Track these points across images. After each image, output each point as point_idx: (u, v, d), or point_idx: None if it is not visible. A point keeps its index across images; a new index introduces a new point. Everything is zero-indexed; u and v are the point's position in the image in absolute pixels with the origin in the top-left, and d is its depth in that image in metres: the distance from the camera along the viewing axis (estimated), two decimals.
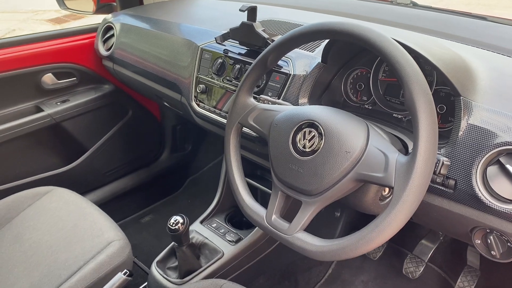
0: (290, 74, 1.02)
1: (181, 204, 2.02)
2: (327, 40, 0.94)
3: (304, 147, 0.75)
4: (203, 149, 2.15)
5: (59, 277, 1.05)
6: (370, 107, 1.00)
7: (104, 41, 1.64)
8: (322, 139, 0.73)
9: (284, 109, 0.84)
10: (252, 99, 0.89)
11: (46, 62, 1.58)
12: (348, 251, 0.68)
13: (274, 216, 0.80)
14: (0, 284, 1.07)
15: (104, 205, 1.80)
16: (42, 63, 1.58)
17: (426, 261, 1.55)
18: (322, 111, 0.77)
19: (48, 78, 1.61)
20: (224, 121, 1.14)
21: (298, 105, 0.98)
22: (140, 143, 1.95)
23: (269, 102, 0.94)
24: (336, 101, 1.04)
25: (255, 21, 1.07)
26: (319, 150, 0.73)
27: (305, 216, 0.75)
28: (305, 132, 0.76)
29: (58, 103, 1.64)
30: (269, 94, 1.03)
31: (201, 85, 1.21)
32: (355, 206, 0.86)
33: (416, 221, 0.96)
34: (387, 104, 0.97)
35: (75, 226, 1.20)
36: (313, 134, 0.75)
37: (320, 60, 0.98)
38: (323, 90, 1.02)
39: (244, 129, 0.94)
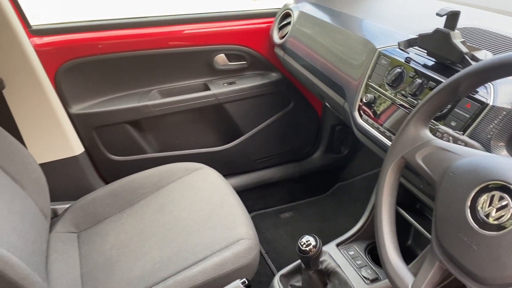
0: (487, 104, 0.78)
1: (325, 209, 1.90)
2: None
3: (487, 216, 0.55)
4: (360, 156, 1.97)
5: (185, 260, 1.05)
6: None
7: (280, 28, 1.59)
8: None
9: (468, 153, 0.63)
10: (427, 131, 0.70)
11: (221, 43, 1.60)
12: None
13: None
14: (136, 249, 1.13)
15: (248, 190, 1.80)
16: (217, 43, 1.60)
17: None
18: None
19: (220, 59, 1.63)
20: (388, 142, 0.97)
21: (490, 148, 0.74)
22: (296, 137, 1.88)
23: (450, 138, 0.73)
24: None
25: (453, 30, 0.85)
26: (509, 228, 0.52)
27: None
28: (493, 196, 0.55)
29: (225, 84, 1.66)
30: (452, 124, 0.82)
31: (369, 95, 1.04)
32: None
33: None
34: None
35: (211, 211, 1.19)
36: (506, 203, 0.53)
37: None
38: None
39: None
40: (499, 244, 0.52)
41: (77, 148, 1.49)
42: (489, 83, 0.80)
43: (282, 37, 1.55)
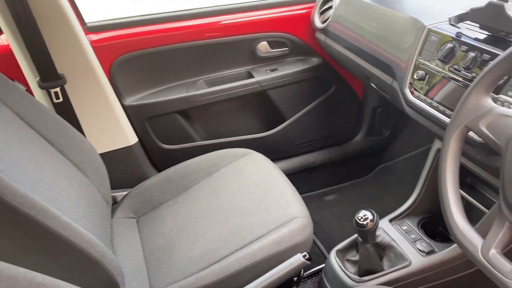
0: None
1: (368, 191, 1.92)
2: None
3: None
4: (402, 137, 1.97)
5: (243, 239, 1.10)
6: None
7: (321, 13, 1.61)
8: None
9: None
10: (489, 100, 0.72)
11: (263, 30, 1.64)
12: None
13: (493, 251, 0.64)
14: (194, 230, 1.18)
15: (292, 175, 1.83)
16: (260, 31, 1.64)
17: None
18: None
19: (263, 46, 1.67)
20: (441, 117, 0.99)
21: None
22: (337, 121, 1.90)
23: (511, 106, 0.75)
24: None
25: (507, 1, 0.87)
26: None
27: None
28: None
29: (267, 71, 1.69)
30: (510, 94, 0.83)
31: (419, 71, 1.06)
32: None
33: None
34: None
35: (264, 193, 1.23)
36: None
37: None
38: None
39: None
40: None
41: (131, 138, 1.56)
42: None
43: (324, 22, 1.57)
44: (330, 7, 1.56)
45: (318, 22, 1.60)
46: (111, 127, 1.49)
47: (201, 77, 1.66)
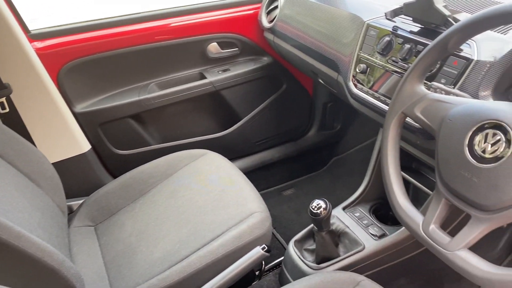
0: (472, 60, 0.86)
1: (324, 183, 1.99)
2: None
3: (483, 152, 0.63)
4: (352, 129, 2.06)
5: (203, 238, 1.11)
6: None
7: (268, 13, 1.65)
8: (510, 146, 0.60)
9: (461, 102, 0.71)
10: (422, 87, 0.78)
11: (213, 32, 1.66)
12: None
13: (432, 226, 0.70)
14: (154, 233, 1.19)
15: (250, 172, 1.87)
16: (209, 32, 1.65)
17: None
18: None
19: (213, 47, 1.69)
20: (383, 106, 1.05)
21: (478, 97, 0.82)
22: (290, 117, 1.95)
23: (442, 92, 0.81)
24: None
25: None
26: (504, 158, 0.60)
27: (472, 233, 0.63)
28: (487, 134, 0.63)
29: (220, 72, 1.71)
30: (442, 81, 0.90)
31: (361, 65, 1.11)
32: None
33: None
34: None
35: (222, 191, 1.25)
36: (499, 138, 0.61)
37: None
38: None
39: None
40: (496, 173, 0.60)
41: (84, 145, 1.53)
42: (472, 41, 0.88)
43: (271, 21, 1.61)
44: (276, 7, 1.60)
45: (265, 22, 1.64)
46: (62, 136, 1.46)
47: (152, 80, 1.66)
